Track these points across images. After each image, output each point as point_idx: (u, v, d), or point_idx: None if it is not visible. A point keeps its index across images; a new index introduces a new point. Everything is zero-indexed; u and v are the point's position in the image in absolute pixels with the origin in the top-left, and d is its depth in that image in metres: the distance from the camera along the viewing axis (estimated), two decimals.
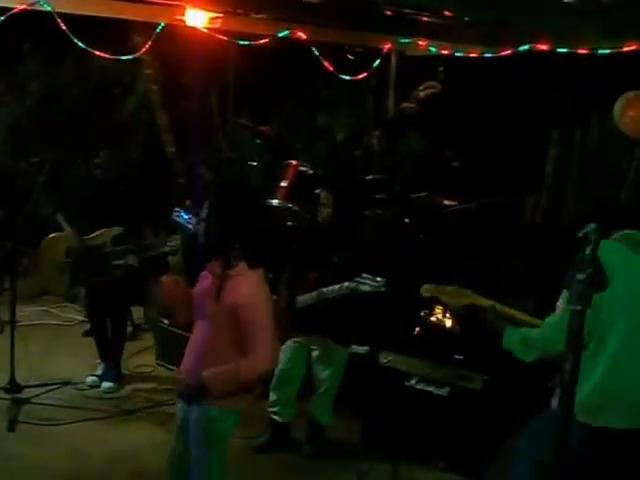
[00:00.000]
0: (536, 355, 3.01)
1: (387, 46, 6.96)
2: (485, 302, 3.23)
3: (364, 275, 4.19)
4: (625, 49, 5.75)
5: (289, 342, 4.55)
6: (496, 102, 7.13)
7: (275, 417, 4.62)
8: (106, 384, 5.40)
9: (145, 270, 5.25)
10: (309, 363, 4.62)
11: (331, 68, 6.43)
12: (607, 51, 5.84)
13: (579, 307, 1.88)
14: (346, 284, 4.24)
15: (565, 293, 2.84)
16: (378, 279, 4.17)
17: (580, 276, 1.90)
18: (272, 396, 4.60)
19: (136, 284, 5.65)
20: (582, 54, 6.03)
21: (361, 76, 6.86)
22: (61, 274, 5.36)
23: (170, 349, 5.59)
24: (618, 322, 2.82)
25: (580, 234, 1.91)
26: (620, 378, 2.84)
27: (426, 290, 3.33)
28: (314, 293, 4.39)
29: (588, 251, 1.95)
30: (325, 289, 4.33)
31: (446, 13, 6.07)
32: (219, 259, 3.06)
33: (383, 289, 4.16)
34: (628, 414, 2.85)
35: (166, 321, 5.70)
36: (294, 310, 4.44)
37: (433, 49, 6.96)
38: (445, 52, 6.96)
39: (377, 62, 6.93)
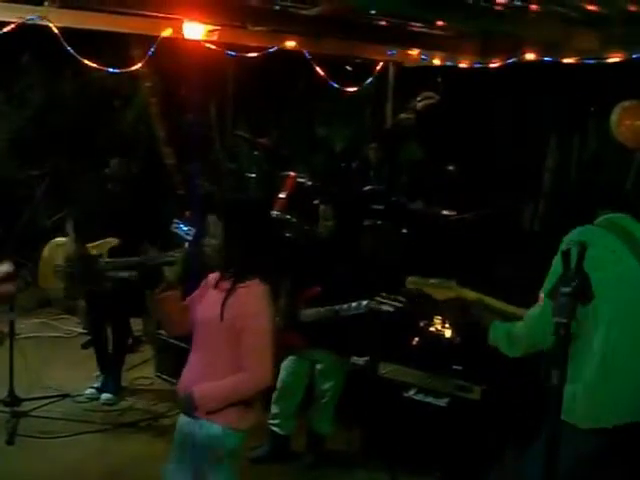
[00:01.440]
0: (520, 351, 2.91)
1: (384, 57, 6.98)
2: (471, 295, 3.13)
3: (384, 294, 4.14)
4: (621, 58, 5.77)
5: (290, 356, 4.54)
6: (494, 112, 7.15)
7: (275, 429, 4.62)
8: (105, 396, 5.40)
9: (143, 282, 5.25)
10: (311, 376, 4.62)
11: (329, 80, 6.45)
12: (604, 60, 5.86)
13: (564, 320, 1.86)
14: (364, 302, 4.17)
15: (546, 283, 2.77)
16: (400, 299, 4.12)
17: (565, 289, 1.89)
18: (273, 409, 4.59)
19: (135, 296, 5.66)
20: (579, 63, 6.06)
21: (359, 87, 6.87)
22: (56, 278, 5.36)
23: (169, 361, 5.59)
24: (606, 317, 2.71)
25: (564, 247, 1.90)
26: (611, 376, 2.75)
27: (411, 282, 3.26)
28: (324, 309, 4.33)
29: (573, 264, 1.93)
30: (339, 306, 4.27)
31: (441, 24, 6.10)
32: (230, 273, 3.03)
33: (405, 309, 4.11)
34: (624, 412, 2.78)
35: (165, 333, 5.69)
36: (296, 324, 4.42)
37: (429, 59, 6.98)
38: (441, 63, 6.98)
39: (375, 74, 6.95)
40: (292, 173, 6.17)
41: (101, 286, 5.26)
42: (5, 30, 4.90)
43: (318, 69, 6.27)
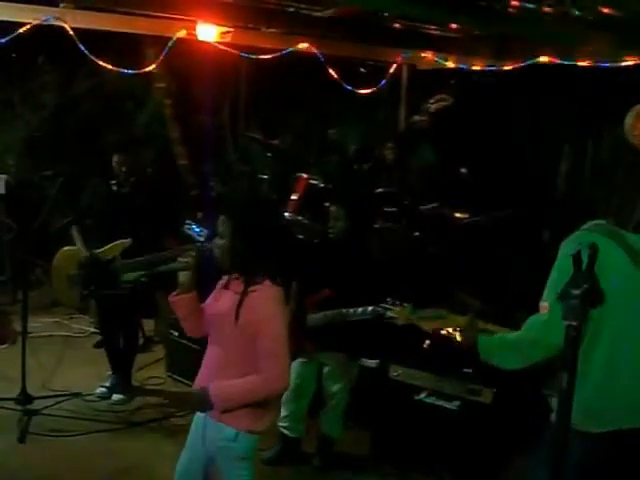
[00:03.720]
0: (520, 361, 2.75)
1: (398, 59, 6.97)
2: (463, 321, 3.07)
3: (389, 300, 4.12)
4: (636, 61, 5.74)
5: (299, 358, 4.53)
6: (507, 115, 7.13)
7: (285, 431, 4.61)
8: (116, 396, 5.41)
9: (155, 283, 5.25)
10: (319, 378, 4.61)
11: (342, 81, 6.46)
12: (619, 64, 5.84)
13: (575, 323, 1.84)
14: (370, 308, 4.16)
15: (549, 291, 2.68)
16: (405, 305, 4.09)
17: (575, 291, 1.87)
18: (282, 411, 4.58)
19: (146, 297, 5.67)
20: (594, 67, 6.03)
21: (372, 89, 6.87)
22: (72, 287, 5.37)
23: (181, 361, 5.61)
24: (609, 317, 2.62)
25: (573, 251, 1.88)
26: (618, 376, 2.68)
27: (400, 319, 3.19)
28: (331, 312, 4.33)
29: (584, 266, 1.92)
30: (345, 310, 4.27)
31: (455, 26, 6.09)
32: (241, 276, 3.02)
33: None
34: (630, 413, 2.72)
35: (176, 333, 5.71)
36: (306, 326, 4.40)
37: (443, 62, 6.97)
38: (455, 65, 6.97)
39: (388, 76, 6.94)
40: (304, 175, 6.18)
41: (118, 289, 5.24)
42: (21, 31, 4.93)
43: (331, 71, 6.27)
